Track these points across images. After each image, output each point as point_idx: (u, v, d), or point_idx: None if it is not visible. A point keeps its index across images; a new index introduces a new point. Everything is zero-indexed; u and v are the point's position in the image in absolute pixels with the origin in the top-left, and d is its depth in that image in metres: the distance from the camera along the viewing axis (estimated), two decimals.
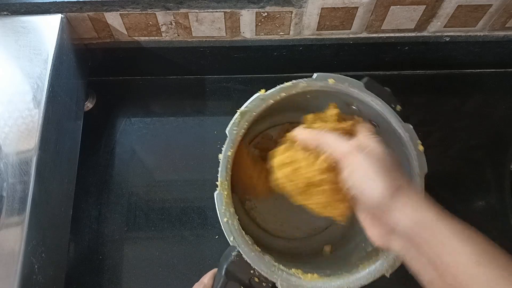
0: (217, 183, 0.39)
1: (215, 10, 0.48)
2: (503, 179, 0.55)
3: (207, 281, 0.38)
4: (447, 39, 0.54)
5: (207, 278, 0.39)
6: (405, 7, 0.48)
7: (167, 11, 0.48)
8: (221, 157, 0.40)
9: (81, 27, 0.50)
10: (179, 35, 0.52)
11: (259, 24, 0.50)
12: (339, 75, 0.43)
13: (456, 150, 0.57)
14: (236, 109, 0.42)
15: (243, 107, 0.42)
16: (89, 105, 0.58)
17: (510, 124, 0.58)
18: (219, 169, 0.40)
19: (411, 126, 0.42)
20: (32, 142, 0.39)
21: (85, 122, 0.52)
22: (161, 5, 0.47)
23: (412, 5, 0.48)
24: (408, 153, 0.42)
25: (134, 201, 0.53)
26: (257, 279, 0.37)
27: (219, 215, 0.38)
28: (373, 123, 0.45)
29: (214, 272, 0.39)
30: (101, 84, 0.59)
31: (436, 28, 0.53)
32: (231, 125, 0.41)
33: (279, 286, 0.37)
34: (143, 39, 0.53)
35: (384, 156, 0.33)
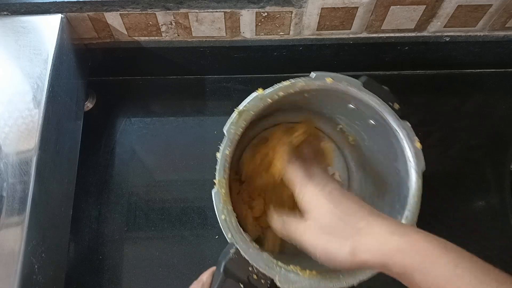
0: (214, 181, 0.39)
1: (215, 10, 0.48)
2: (503, 179, 0.55)
3: (206, 278, 0.38)
4: (447, 39, 0.54)
5: (206, 275, 0.39)
6: (405, 7, 0.48)
7: (167, 11, 0.48)
8: (219, 155, 0.40)
9: (81, 27, 0.50)
10: (179, 35, 0.52)
11: (259, 24, 0.50)
12: (337, 74, 0.44)
13: (456, 150, 0.56)
14: (236, 109, 0.42)
15: (241, 106, 0.42)
16: (89, 105, 0.58)
17: (510, 124, 0.58)
18: (217, 167, 0.40)
19: (408, 123, 0.42)
20: (32, 142, 0.39)
21: (85, 122, 0.52)
22: (161, 5, 0.47)
23: (412, 5, 0.48)
24: (405, 150, 0.42)
25: (134, 201, 0.53)
26: (255, 276, 0.37)
27: (216, 213, 0.38)
28: (371, 122, 0.45)
29: (213, 270, 0.39)
30: (101, 84, 0.59)
31: (436, 28, 0.53)
32: (229, 124, 0.41)
33: (278, 282, 0.37)
34: (143, 39, 0.53)
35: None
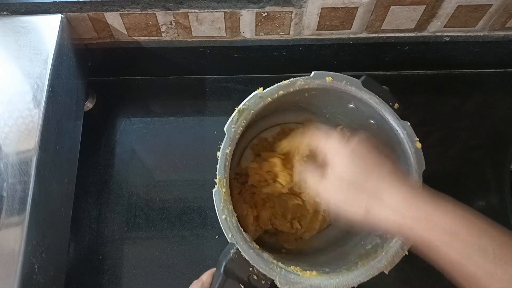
0: (215, 180, 0.39)
1: (215, 10, 0.48)
2: (503, 179, 0.55)
3: (206, 278, 0.39)
4: (447, 39, 0.54)
5: (206, 276, 0.39)
6: (405, 7, 0.48)
7: (167, 11, 0.48)
8: (219, 154, 0.40)
9: (81, 27, 0.50)
10: (179, 35, 0.52)
11: (259, 24, 0.50)
12: (337, 73, 0.44)
13: (456, 150, 0.56)
14: (236, 108, 0.42)
15: (241, 105, 0.42)
16: (89, 105, 0.58)
17: (510, 124, 0.58)
18: (218, 166, 0.40)
19: (408, 123, 0.42)
20: (32, 142, 0.39)
21: (85, 122, 0.52)
22: (161, 5, 0.47)
23: (412, 5, 0.48)
24: (405, 150, 0.42)
25: (134, 201, 0.53)
26: (256, 277, 0.37)
27: (217, 213, 0.38)
28: (371, 122, 0.45)
29: (212, 271, 0.39)
30: (101, 84, 0.59)
31: (436, 28, 0.52)
32: (229, 123, 0.41)
33: (278, 283, 0.37)
34: (143, 39, 0.53)
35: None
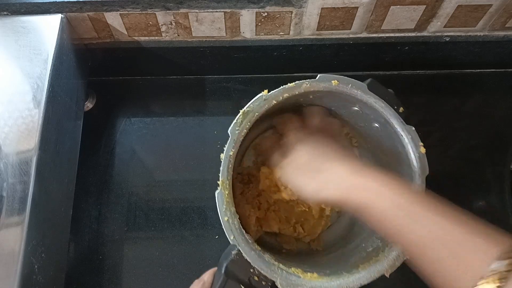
0: (218, 182, 0.39)
1: (215, 10, 0.48)
2: (503, 179, 0.55)
3: (207, 278, 0.39)
4: (447, 39, 0.54)
5: (207, 275, 0.39)
6: (405, 7, 0.48)
7: (167, 11, 0.48)
8: (222, 156, 0.40)
9: (81, 27, 0.50)
10: (179, 35, 0.52)
11: (259, 24, 0.50)
12: (343, 76, 0.43)
13: (456, 150, 0.56)
14: (236, 109, 0.42)
15: (246, 107, 0.42)
16: (89, 105, 0.58)
17: (510, 124, 0.58)
18: (221, 168, 0.40)
19: (413, 128, 0.42)
20: (32, 142, 0.39)
21: (85, 122, 0.52)
22: (161, 5, 0.47)
23: (412, 5, 0.48)
24: (409, 154, 0.42)
25: (134, 201, 0.53)
26: (256, 278, 0.37)
27: (219, 214, 0.38)
28: (376, 125, 0.45)
29: (214, 270, 0.39)
30: (101, 84, 0.59)
31: (436, 28, 0.52)
32: (233, 125, 0.41)
33: (279, 285, 0.37)
34: (143, 39, 0.53)
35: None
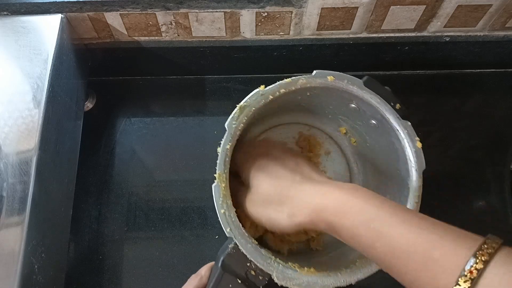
0: (215, 175, 0.39)
1: (215, 10, 0.48)
2: (503, 179, 0.55)
3: (204, 272, 0.38)
4: (447, 39, 0.54)
5: (204, 270, 0.39)
6: (405, 7, 0.48)
7: (167, 11, 0.48)
8: (219, 150, 0.40)
9: (81, 27, 0.50)
10: (179, 35, 0.52)
11: (259, 24, 0.50)
12: (339, 72, 0.44)
13: (456, 150, 0.56)
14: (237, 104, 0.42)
15: (243, 102, 0.42)
16: (89, 105, 0.58)
17: (510, 124, 0.58)
18: (218, 161, 0.40)
19: (409, 123, 0.42)
20: (32, 142, 0.39)
21: (85, 122, 0.52)
22: (161, 5, 0.47)
23: (412, 5, 0.48)
24: (406, 150, 0.42)
25: (134, 201, 0.53)
26: (253, 272, 0.37)
27: (216, 207, 0.38)
28: (373, 122, 0.45)
29: (211, 264, 0.39)
30: (101, 84, 0.59)
31: (436, 28, 0.53)
32: (230, 119, 0.41)
33: (275, 278, 0.37)
34: (143, 39, 0.53)
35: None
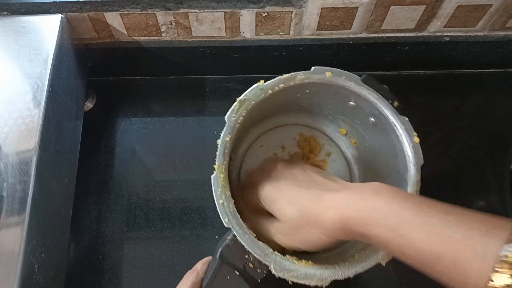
0: (214, 166, 0.39)
1: (215, 10, 0.48)
2: (503, 179, 0.55)
3: (200, 267, 0.38)
4: (447, 39, 0.54)
5: (200, 264, 0.39)
6: (405, 7, 0.48)
7: (167, 11, 0.48)
8: (219, 142, 0.41)
9: (81, 27, 0.50)
10: (179, 35, 0.52)
11: (259, 24, 0.50)
12: (337, 68, 0.44)
13: (456, 150, 0.56)
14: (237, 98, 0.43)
15: (242, 96, 0.43)
16: (89, 105, 0.58)
17: (510, 124, 0.58)
18: (217, 153, 0.40)
19: (406, 118, 0.43)
20: (32, 142, 0.39)
21: (85, 122, 0.52)
22: (161, 5, 0.47)
23: (412, 5, 0.48)
24: (404, 145, 0.42)
25: (134, 201, 0.53)
26: (251, 265, 0.37)
27: (215, 197, 0.38)
28: (371, 120, 0.46)
29: (207, 259, 0.39)
30: (101, 84, 0.59)
31: (436, 28, 0.53)
32: (230, 112, 0.42)
33: (272, 270, 0.37)
34: (143, 39, 0.53)
35: None
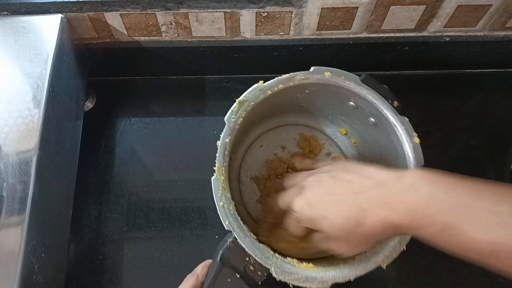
0: (214, 168, 0.39)
1: (215, 10, 0.48)
2: (503, 179, 0.55)
3: (200, 271, 0.38)
4: (447, 39, 0.54)
5: (200, 268, 0.39)
6: (405, 7, 0.48)
7: (167, 11, 0.48)
8: (219, 143, 0.40)
9: (81, 27, 0.50)
10: (179, 35, 0.52)
11: (259, 24, 0.50)
12: (336, 68, 0.44)
13: (456, 150, 0.56)
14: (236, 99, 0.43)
15: (242, 96, 0.43)
16: (89, 105, 0.58)
17: (510, 124, 0.58)
18: (217, 155, 0.40)
19: (406, 118, 0.42)
20: (32, 142, 0.39)
21: (85, 122, 0.52)
22: (161, 5, 0.47)
23: (412, 5, 0.48)
24: (404, 145, 0.42)
25: (134, 201, 0.53)
26: (252, 267, 0.36)
27: (215, 200, 0.38)
28: (371, 120, 0.46)
29: (206, 262, 0.39)
30: (101, 84, 0.59)
31: (436, 28, 0.53)
32: (229, 114, 0.42)
33: (273, 273, 0.36)
34: (143, 39, 0.53)
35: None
